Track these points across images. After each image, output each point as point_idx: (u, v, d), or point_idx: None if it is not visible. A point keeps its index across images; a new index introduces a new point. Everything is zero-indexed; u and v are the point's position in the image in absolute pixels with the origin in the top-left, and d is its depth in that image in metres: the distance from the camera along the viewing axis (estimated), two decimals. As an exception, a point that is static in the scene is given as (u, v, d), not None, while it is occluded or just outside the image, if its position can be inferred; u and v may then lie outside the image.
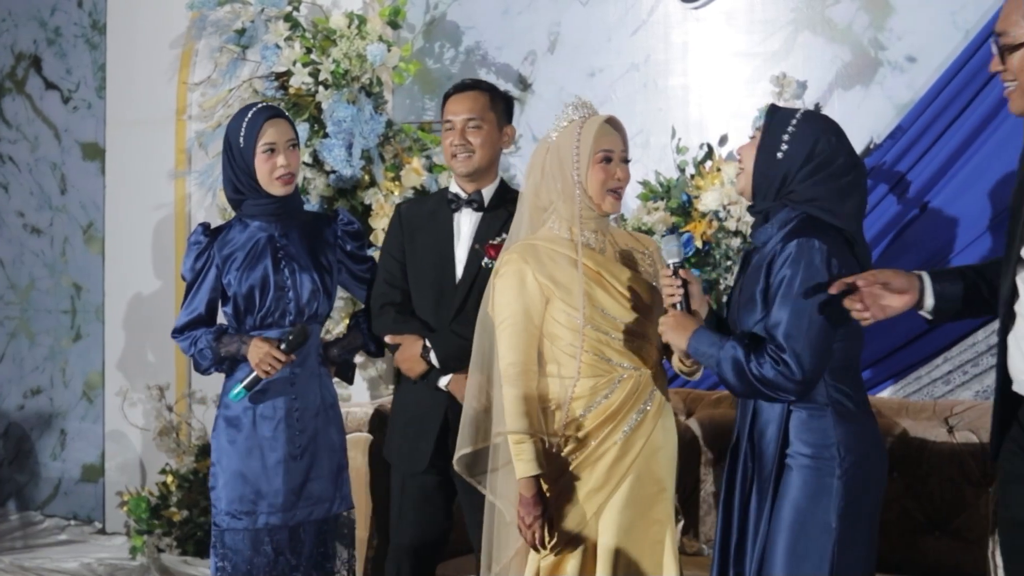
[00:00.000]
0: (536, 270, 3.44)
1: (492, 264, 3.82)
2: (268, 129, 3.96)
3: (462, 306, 3.89)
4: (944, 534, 4.05)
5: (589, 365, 3.43)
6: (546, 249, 3.48)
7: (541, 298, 3.44)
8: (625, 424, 3.43)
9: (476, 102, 3.97)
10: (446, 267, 3.95)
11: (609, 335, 3.44)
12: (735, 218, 4.84)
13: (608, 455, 3.42)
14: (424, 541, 4.02)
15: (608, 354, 3.44)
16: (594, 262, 3.46)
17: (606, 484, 3.41)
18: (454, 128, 3.95)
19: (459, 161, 3.95)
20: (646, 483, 3.43)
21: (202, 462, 6.00)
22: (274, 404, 3.98)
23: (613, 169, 3.47)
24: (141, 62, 6.59)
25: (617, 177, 3.48)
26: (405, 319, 3.97)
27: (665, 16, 5.41)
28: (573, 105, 3.54)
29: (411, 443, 3.96)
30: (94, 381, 7.04)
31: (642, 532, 3.42)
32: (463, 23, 5.88)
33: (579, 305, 3.40)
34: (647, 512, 3.43)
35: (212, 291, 4.03)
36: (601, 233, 3.54)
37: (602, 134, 3.47)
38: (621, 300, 3.45)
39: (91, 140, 7.11)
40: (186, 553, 5.99)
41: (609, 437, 3.42)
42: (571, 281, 3.42)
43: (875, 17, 4.98)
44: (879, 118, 4.90)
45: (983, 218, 4.49)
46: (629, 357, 3.45)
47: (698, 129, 5.25)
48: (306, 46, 5.64)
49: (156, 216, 6.54)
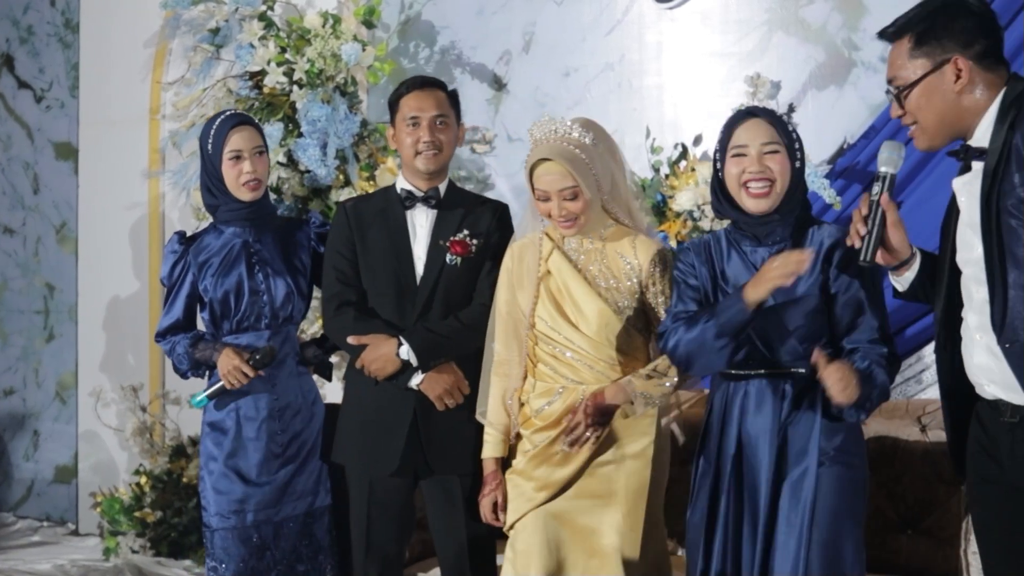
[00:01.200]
0: (515, 265, 3.57)
1: (456, 260, 3.81)
2: (233, 136, 4.02)
3: (427, 304, 3.83)
4: (917, 533, 4.06)
5: (540, 370, 3.53)
6: (528, 248, 3.57)
7: (512, 292, 3.57)
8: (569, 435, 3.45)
9: (441, 99, 3.92)
10: (404, 265, 3.86)
11: (558, 348, 3.48)
12: (709, 218, 4.85)
13: (553, 460, 3.47)
14: (399, 545, 3.99)
15: (556, 365, 3.50)
16: (558, 271, 3.50)
17: (546, 487, 3.45)
18: (420, 124, 3.86)
19: (425, 158, 3.86)
20: (591, 493, 3.44)
21: (176, 463, 5.98)
22: (256, 405, 4.04)
23: (551, 207, 3.45)
24: (115, 61, 6.57)
25: (554, 215, 3.45)
26: (367, 319, 3.87)
27: (640, 16, 5.42)
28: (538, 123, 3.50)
29: (377, 445, 3.85)
30: (67, 381, 7.01)
31: (583, 540, 3.42)
32: (438, 23, 5.88)
33: (528, 308, 3.50)
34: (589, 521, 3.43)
35: (189, 297, 4.12)
36: (588, 239, 3.54)
37: (537, 174, 3.46)
38: (573, 318, 3.47)
39: (64, 139, 7.08)
40: (160, 554, 5.96)
41: (553, 444, 3.47)
42: (530, 283, 3.51)
43: (849, 17, 5.00)
44: (853, 118, 4.92)
45: (956, 218, 4.51)
46: (575, 371, 3.47)
47: (672, 129, 5.26)
48: (280, 45, 5.63)
49: (130, 216, 6.51)
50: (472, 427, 3.70)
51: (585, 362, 3.46)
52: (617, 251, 3.54)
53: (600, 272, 3.51)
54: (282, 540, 4.05)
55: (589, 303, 3.47)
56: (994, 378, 2.77)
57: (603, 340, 3.45)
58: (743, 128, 3.25)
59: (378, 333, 3.82)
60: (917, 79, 2.81)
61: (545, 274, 3.51)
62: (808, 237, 3.25)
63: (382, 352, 3.79)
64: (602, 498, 3.44)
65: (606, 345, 3.45)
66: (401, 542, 3.99)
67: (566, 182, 3.41)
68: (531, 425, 3.52)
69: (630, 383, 3.43)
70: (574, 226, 3.47)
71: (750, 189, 3.21)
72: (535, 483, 3.47)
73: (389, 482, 3.88)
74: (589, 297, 3.47)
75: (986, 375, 2.79)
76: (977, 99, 2.78)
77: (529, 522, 3.45)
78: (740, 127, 3.26)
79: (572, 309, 3.47)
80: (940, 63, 2.78)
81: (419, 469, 3.84)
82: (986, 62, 2.78)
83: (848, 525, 3.17)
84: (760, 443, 3.22)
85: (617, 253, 3.53)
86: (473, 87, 5.78)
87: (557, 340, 3.48)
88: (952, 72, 2.78)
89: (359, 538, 3.93)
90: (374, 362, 3.80)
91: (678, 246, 4.92)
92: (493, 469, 3.59)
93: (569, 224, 3.46)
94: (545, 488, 3.45)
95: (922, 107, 2.82)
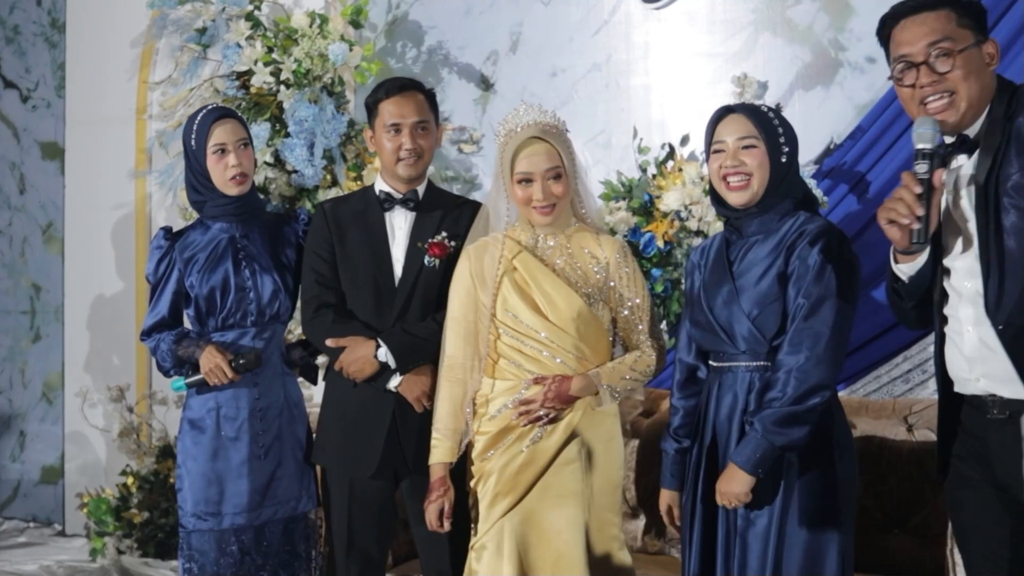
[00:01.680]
0: (473, 266, 3.55)
1: (435, 262, 3.81)
2: (216, 130, 3.97)
3: (406, 306, 3.82)
4: (903, 532, 4.07)
5: (502, 367, 3.51)
6: (490, 245, 3.56)
7: (472, 294, 3.54)
8: (533, 431, 3.46)
9: (422, 104, 3.90)
10: (383, 267, 3.85)
11: (521, 341, 3.47)
12: (696, 218, 4.85)
13: (517, 460, 3.45)
14: (381, 546, 3.98)
15: (519, 359, 3.48)
16: (523, 262, 3.50)
17: (513, 489, 3.44)
18: (402, 131, 3.85)
19: (407, 165, 3.86)
20: (556, 494, 3.43)
21: (163, 463, 5.97)
22: (237, 404, 3.98)
23: (531, 191, 3.47)
24: (101, 61, 6.55)
25: (536, 199, 3.46)
26: (345, 321, 3.86)
27: (627, 16, 5.42)
28: (515, 111, 3.55)
29: (357, 447, 3.85)
30: (54, 382, 6.99)
31: (548, 541, 3.41)
32: (425, 23, 5.88)
33: (489, 303, 3.49)
34: (555, 521, 3.41)
35: (175, 294, 4.05)
36: (552, 235, 3.55)
37: (522, 156, 3.47)
38: (542, 311, 3.47)
39: (50, 139, 7.07)
40: (147, 555, 5.95)
41: (518, 442, 3.46)
42: (492, 278, 3.50)
43: (835, 18, 5.01)
44: (839, 118, 4.93)
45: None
46: (542, 366, 3.46)
47: (660, 129, 5.27)
48: (267, 45, 5.62)
49: (116, 216, 6.50)
50: None
51: (552, 353, 3.46)
52: (581, 246, 3.56)
53: (567, 264, 3.52)
54: (264, 545, 3.99)
55: (560, 292, 3.47)
56: (987, 370, 2.76)
57: (572, 330, 3.45)
58: (722, 124, 3.31)
59: (356, 335, 3.81)
60: (968, 45, 2.77)
61: (510, 269, 3.51)
62: (785, 227, 3.27)
63: (360, 354, 3.78)
64: (567, 498, 3.43)
65: (574, 336, 3.45)
66: (383, 543, 3.98)
67: (553, 161, 3.46)
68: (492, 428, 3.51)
69: (597, 375, 3.45)
70: (551, 213, 3.48)
71: (729, 183, 3.27)
72: (500, 485, 3.46)
73: (369, 483, 3.87)
74: (559, 287, 3.48)
75: (979, 368, 2.77)
76: (990, 86, 2.79)
77: (494, 533, 3.44)
78: (720, 123, 3.32)
79: (541, 299, 3.47)
80: (979, 40, 2.78)
81: (399, 470, 3.84)
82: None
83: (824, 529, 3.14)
84: (727, 435, 3.25)
85: (581, 248, 3.56)
86: (460, 87, 5.78)
87: (522, 331, 3.47)
88: (988, 52, 2.79)
89: (341, 539, 3.92)
90: (352, 364, 3.79)
91: (664, 246, 4.92)
92: (441, 475, 3.55)
93: (548, 210, 3.47)
94: (512, 491, 3.44)
95: (970, 75, 2.77)
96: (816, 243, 3.13)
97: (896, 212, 2.72)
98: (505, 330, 3.49)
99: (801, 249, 3.17)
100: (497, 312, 3.50)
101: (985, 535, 2.83)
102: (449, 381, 3.58)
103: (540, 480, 3.43)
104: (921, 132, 2.72)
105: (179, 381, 3.99)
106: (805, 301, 3.11)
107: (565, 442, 3.45)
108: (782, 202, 3.28)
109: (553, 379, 3.42)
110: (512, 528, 3.40)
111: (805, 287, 3.12)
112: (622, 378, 3.48)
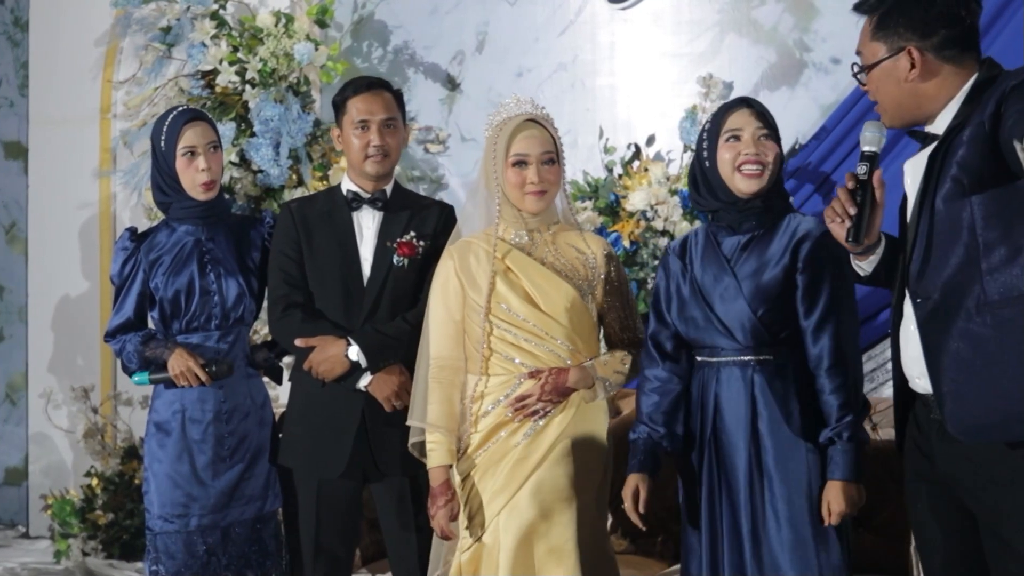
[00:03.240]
0: (459, 265, 3.52)
1: (404, 262, 3.81)
2: (187, 132, 3.96)
3: (375, 305, 3.81)
4: (867, 530, 4.10)
5: (494, 363, 3.48)
6: (475, 245, 3.54)
7: (459, 293, 3.51)
8: (526, 426, 3.45)
9: (389, 102, 3.90)
10: (352, 267, 3.85)
11: (513, 333, 3.46)
12: (663, 218, 4.87)
13: (510, 456, 3.44)
14: (347, 546, 3.98)
15: (511, 353, 3.47)
16: (514, 260, 3.49)
17: (508, 486, 3.42)
18: (369, 128, 3.85)
19: (374, 162, 3.85)
20: (550, 489, 3.41)
21: (128, 464, 5.94)
22: (203, 407, 3.97)
23: (526, 173, 3.47)
24: (65, 60, 6.50)
25: (530, 181, 3.47)
26: (314, 320, 3.85)
27: (592, 16, 5.44)
28: (505, 104, 3.57)
29: (325, 447, 3.84)
30: (17, 383, 6.95)
31: (542, 537, 3.40)
32: (391, 22, 5.88)
33: (483, 299, 3.46)
34: (550, 517, 3.40)
35: (140, 295, 4.03)
36: (538, 231, 3.55)
37: (518, 138, 3.48)
38: (534, 300, 3.46)
39: (13, 139, 7.02)
40: (112, 556, 5.92)
41: (510, 438, 3.45)
42: (484, 276, 3.48)
43: (800, 19, 5.04)
44: (804, 119, 4.96)
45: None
46: (535, 358, 3.46)
47: (626, 129, 5.29)
48: (233, 44, 5.61)
49: (80, 216, 6.46)
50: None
51: (545, 346, 3.45)
52: (567, 242, 3.56)
53: (555, 258, 3.52)
54: (230, 546, 3.98)
55: (551, 283, 3.46)
56: (924, 370, 2.72)
57: (564, 320, 3.44)
58: (737, 114, 3.33)
59: (326, 335, 3.80)
60: (873, 63, 2.80)
61: (503, 269, 3.49)
62: (784, 225, 3.31)
63: (330, 353, 3.77)
64: (561, 493, 3.42)
65: (567, 326, 3.44)
66: (349, 543, 3.97)
67: (548, 146, 3.49)
68: (486, 425, 3.49)
69: (593, 368, 3.45)
70: (543, 198, 3.49)
71: (744, 171, 3.28)
72: (495, 482, 3.45)
73: (337, 484, 3.85)
74: (550, 278, 3.47)
75: (918, 366, 2.75)
76: (938, 87, 2.75)
77: (491, 530, 3.43)
78: (734, 113, 3.34)
79: (533, 290, 3.46)
80: (896, 51, 2.76)
81: (367, 471, 3.84)
82: (948, 52, 2.74)
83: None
84: (732, 431, 3.27)
85: (568, 244, 3.56)
86: (426, 87, 5.79)
87: (518, 325, 3.45)
88: (906, 61, 2.75)
89: (308, 541, 3.91)
90: (322, 363, 3.78)
91: (630, 246, 4.94)
92: (445, 479, 3.48)
93: (540, 194, 3.48)
94: (506, 488, 3.43)
95: (879, 89, 2.81)
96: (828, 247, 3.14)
97: (832, 211, 2.78)
98: (500, 324, 3.47)
99: (813, 251, 3.22)
100: (492, 307, 3.47)
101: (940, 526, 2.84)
102: (440, 382, 3.52)
103: (533, 476, 3.42)
104: (866, 135, 2.79)
105: (143, 376, 3.98)
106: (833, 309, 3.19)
107: (558, 438, 3.44)
108: (780, 200, 3.35)
109: (550, 371, 3.42)
110: (507, 524, 3.40)
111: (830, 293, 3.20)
112: (615, 372, 3.49)
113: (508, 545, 3.38)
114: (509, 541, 3.38)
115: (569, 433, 3.45)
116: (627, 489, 3.43)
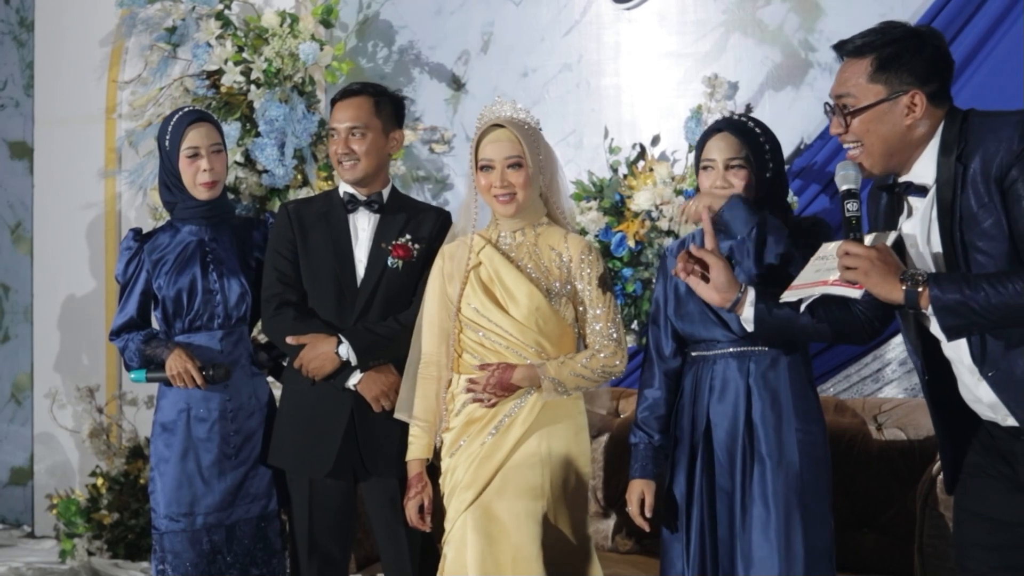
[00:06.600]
0: (446, 264, 3.61)
1: (398, 264, 3.82)
2: (191, 133, 3.99)
3: (367, 306, 3.84)
4: (872, 530, 4.09)
5: (465, 362, 3.54)
6: (463, 245, 3.60)
7: (444, 292, 3.59)
8: (492, 426, 3.48)
9: (360, 109, 3.90)
10: (346, 268, 3.88)
11: (481, 334, 3.51)
12: (667, 218, 4.87)
13: (477, 455, 3.47)
14: (342, 546, 3.98)
15: (480, 352, 3.52)
16: (490, 261, 3.54)
17: (474, 483, 3.45)
18: (338, 136, 3.89)
19: (345, 168, 3.90)
20: (514, 487, 3.44)
21: (133, 464, 5.95)
22: (208, 406, 4.00)
23: (492, 178, 3.52)
24: (70, 60, 6.52)
25: (494, 185, 3.52)
26: (306, 319, 3.87)
27: (598, 16, 5.44)
28: (488, 107, 3.61)
29: (313, 446, 3.85)
30: (23, 383, 6.95)
31: (505, 536, 3.40)
32: (396, 22, 5.88)
33: (455, 298, 3.54)
34: (513, 517, 3.41)
35: (143, 295, 4.08)
36: (522, 232, 3.58)
37: (484, 143, 3.54)
38: (501, 303, 3.51)
39: (19, 139, 7.02)
40: (117, 556, 5.92)
41: (478, 436, 3.49)
42: (460, 276, 3.56)
43: (805, 19, 5.03)
44: (809, 119, 4.95)
45: (911, 218, 4.54)
46: (502, 359, 3.49)
47: (631, 129, 5.28)
48: (238, 44, 5.61)
49: (86, 216, 6.47)
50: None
51: (512, 348, 3.48)
52: (548, 244, 3.58)
53: (532, 261, 3.55)
54: (236, 544, 4.00)
55: (520, 286, 3.50)
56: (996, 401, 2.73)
57: (532, 325, 3.48)
58: (712, 142, 3.45)
59: (317, 333, 3.82)
60: (870, 104, 2.78)
61: (476, 265, 3.56)
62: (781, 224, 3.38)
63: (321, 351, 3.79)
64: (525, 491, 3.44)
65: (534, 331, 3.48)
66: (343, 543, 3.98)
67: (513, 150, 3.51)
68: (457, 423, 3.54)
69: (543, 367, 3.46)
70: (512, 202, 3.52)
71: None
72: (463, 479, 3.47)
73: (328, 483, 3.87)
74: (520, 281, 3.51)
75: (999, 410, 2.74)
76: (921, 133, 2.76)
77: (458, 527, 3.45)
78: (710, 141, 3.45)
79: (502, 293, 3.51)
80: (897, 93, 2.75)
81: (356, 470, 3.85)
82: (936, 100, 2.77)
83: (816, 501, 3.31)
84: (726, 423, 3.35)
85: (548, 246, 3.58)
86: (431, 87, 5.79)
87: (484, 325, 3.51)
88: (906, 104, 2.75)
89: (302, 540, 3.93)
90: (312, 361, 3.80)
91: (635, 246, 4.93)
92: (419, 471, 3.59)
93: (508, 199, 3.51)
94: (473, 485, 3.45)
95: (869, 131, 2.79)
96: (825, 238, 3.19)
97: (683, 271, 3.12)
98: (468, 324, 3.54)
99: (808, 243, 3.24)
100: (461, 307, 3.54)
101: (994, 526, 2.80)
102: (425, 378, 3.61)
103: (499, 473, 3.45)
104: (845, 174, 2.79)
105: (140, 373, 4.02)
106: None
107: (523, 435, 3.47)
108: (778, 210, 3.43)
109: (497, 366, 3.47)
110: (474, 522, 3.41)
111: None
112: (572, 374, 3.47)
113: (473, 542, 3.39)
114: (474, 539, 3.39)
115: (537, 432, 3.48)
116: (632, 495, 3.50)
